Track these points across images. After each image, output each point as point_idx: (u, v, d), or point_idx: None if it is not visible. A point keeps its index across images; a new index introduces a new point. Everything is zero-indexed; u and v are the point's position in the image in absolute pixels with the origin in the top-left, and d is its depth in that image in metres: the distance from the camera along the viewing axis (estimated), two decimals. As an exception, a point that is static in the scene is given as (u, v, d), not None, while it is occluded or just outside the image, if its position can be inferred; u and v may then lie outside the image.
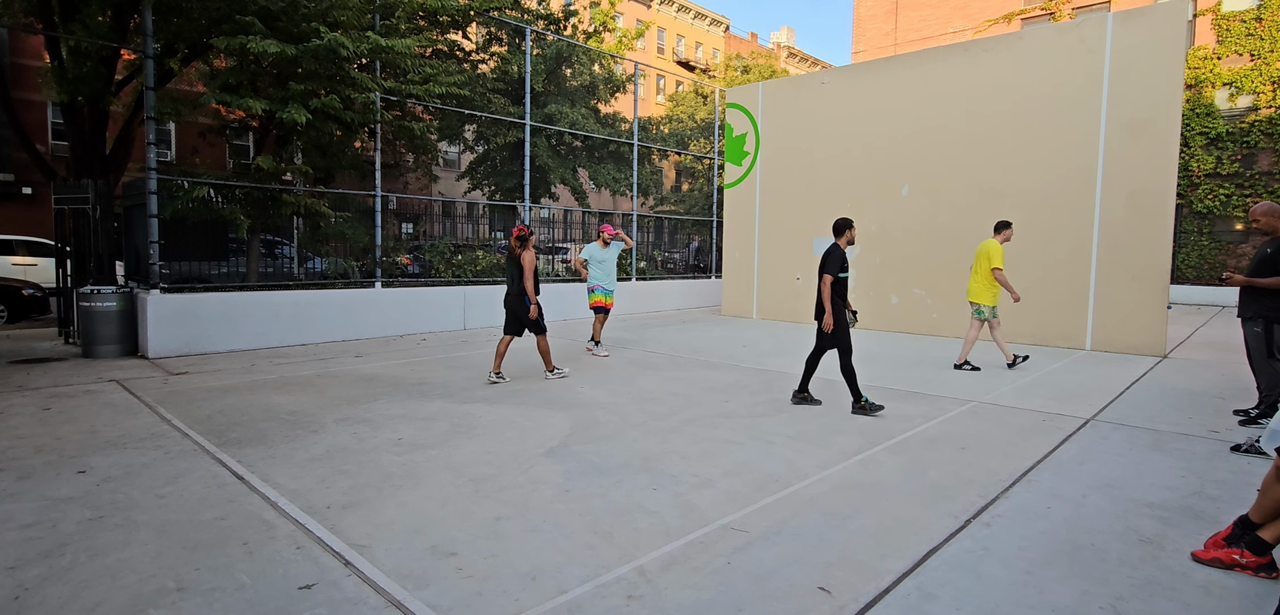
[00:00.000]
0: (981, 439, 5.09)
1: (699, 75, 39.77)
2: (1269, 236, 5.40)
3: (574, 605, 2.69)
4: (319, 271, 11.91)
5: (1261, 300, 5.39)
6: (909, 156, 11.78)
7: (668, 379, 7.38)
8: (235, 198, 10.75)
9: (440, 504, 3.72)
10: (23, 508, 3.61)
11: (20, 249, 14.82)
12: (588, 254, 9.25)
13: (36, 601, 2.68)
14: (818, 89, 13.32)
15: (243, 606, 2.67)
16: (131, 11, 10.48)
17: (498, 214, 17.69)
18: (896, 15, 29.37)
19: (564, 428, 5.30)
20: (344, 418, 5.57)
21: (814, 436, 5.13)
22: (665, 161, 28.27)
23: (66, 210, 9.55)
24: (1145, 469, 4.47)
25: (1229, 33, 21.72)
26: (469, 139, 18.77)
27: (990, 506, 3.76)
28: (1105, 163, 9.81)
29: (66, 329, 9.71)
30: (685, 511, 3.63)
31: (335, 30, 9.31)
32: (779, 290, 13.82)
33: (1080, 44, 10.07)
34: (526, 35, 14.03)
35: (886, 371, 7.94)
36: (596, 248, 9.21)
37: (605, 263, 9.19)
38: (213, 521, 3.46)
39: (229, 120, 12.60)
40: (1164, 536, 3.39)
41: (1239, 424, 5.63)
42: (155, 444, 4.79)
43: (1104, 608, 2.72)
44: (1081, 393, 6.83)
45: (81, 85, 10.91)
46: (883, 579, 2.92)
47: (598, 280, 9.16)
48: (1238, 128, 21.51)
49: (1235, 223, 21.54)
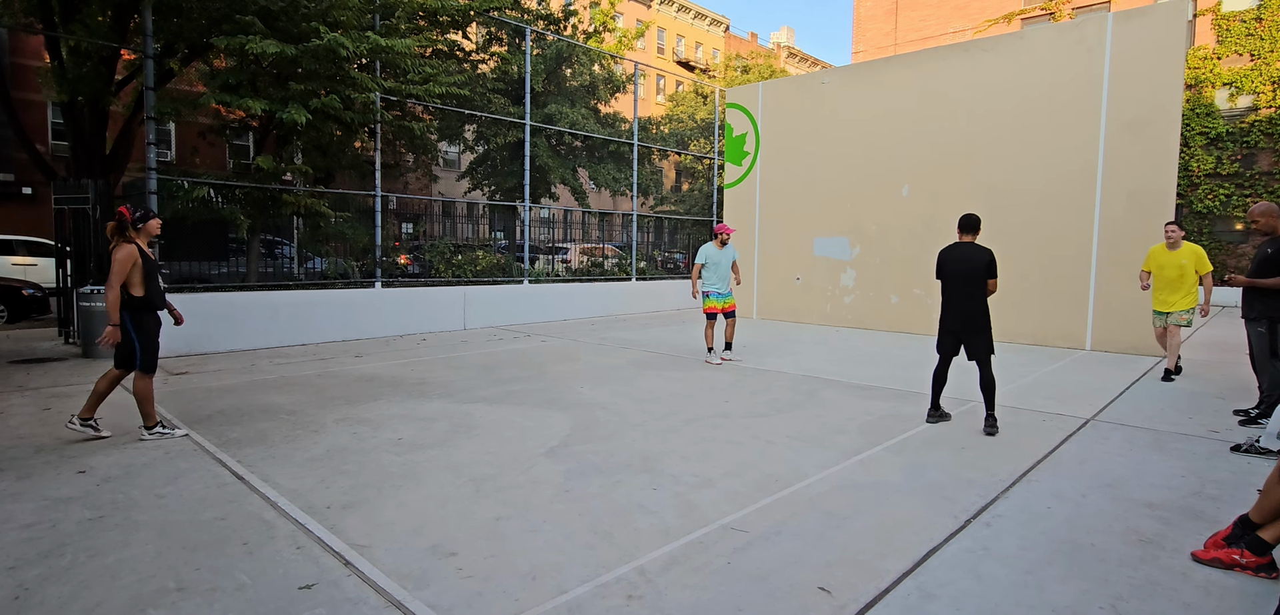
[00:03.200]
0: (981, 439, 5.09)
1: (699, 75, 39.77)
2: (1268, 237, 5.40)
3: (574, 605, 2.69)
4: (319, 271, 11.92)
5: (1264, 300, 5.39)
6: (909, 156, 11.78)
7: (668, 379, 7.38)
8: (235, 198, 10.75)
9: (440, 504, 3.72)
10: (23, 508, 3.61)
11: (20, 249, 14.82)
12: (704, 256, 8.50)
13: (36, 601, 2.68)
14: (818, 89, 13.32)
15: (243, 606, 2.67)
16: (131, 11, 10.48)
17: (498, 214, 17.70)
18: (896, 15, 29.37)
19: (564, 428, 5.30)
20: (344, 418, 5.57)
21: (814, 436, 5.13)
22: (665, 161, 28.28)
23: (66, 210, 9.55)
24: (1145, 469, 4.46)
25: (1229, 33, 21.73)
26: (469, 139, 18.77)
27: (990, 506, 3.76)
28: (1105, 163, 9.81)
29: (66, 329, 9.71)
30: (685, 511, 3.63)
31: (335, 30, 9.31)
32: (779, 290, 13.82)
33: (1080, 44, 10.07)
34: (526, 35, 14.04)
35: (886, 371, 7.94)
36: (713, 248, 8.50)
37: (721, 266, 8.48)
38: (213, 521, 3.46)
39: (229, 120, 12.61)
40: (1164, 536, 3.39)
41: (1239, 424, 5.63)
42: (155, 444, 4.78)
43: (1104, 608, 2.72)
44: (1081, 393, 6.83)
45: (81, 85, 10.91)
46: (883, 579, 2.92)
47: (712, 284, 8.45)
48: (1238, 128, 21.52)
49: (1235, 223, 21.53)
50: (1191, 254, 7.40)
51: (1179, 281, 7.39)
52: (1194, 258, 7.38)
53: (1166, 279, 7.52)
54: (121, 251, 4.70)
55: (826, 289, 13.03)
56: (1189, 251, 7.42)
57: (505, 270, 13.84)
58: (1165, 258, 7.54)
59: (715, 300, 8.46)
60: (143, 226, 4.88)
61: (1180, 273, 7.38)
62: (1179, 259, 7.42)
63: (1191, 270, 7.37)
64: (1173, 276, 7.45)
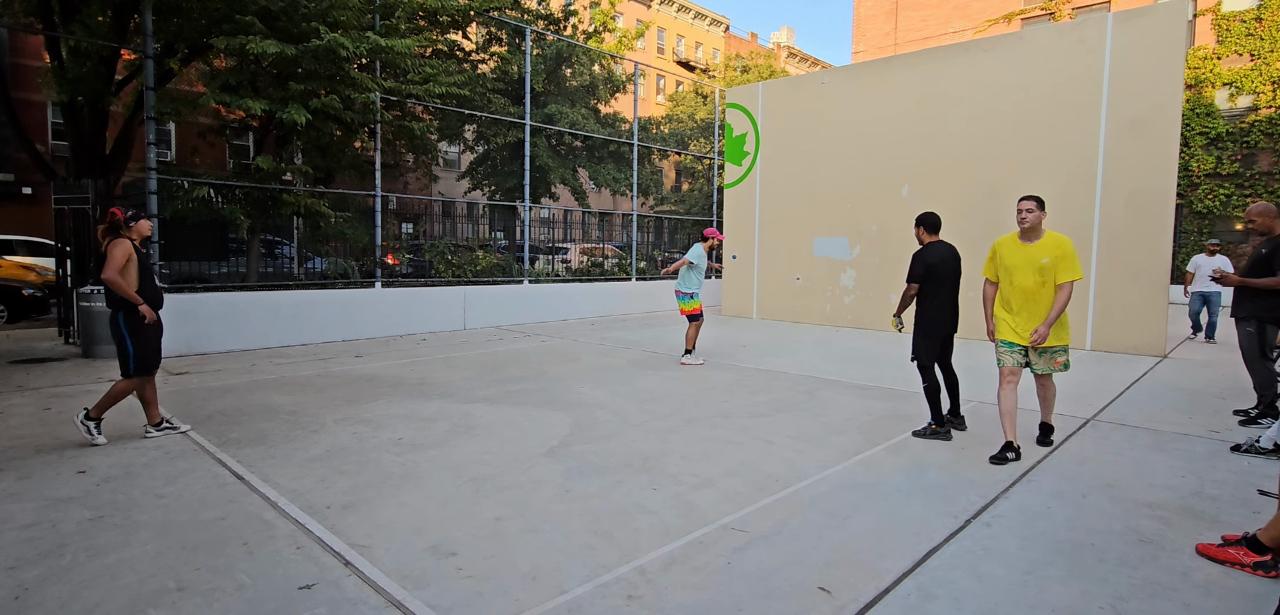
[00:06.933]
0: (982, 439, 5.08)
1: (699, 75, 39.77)
2: (1265, 236, 5.41)
3: (574, 605, 2.69)
4: (319, 271, 11.92)
5: (1255, 300, 5.41)
6: (909, 157, 11.78)
7: (668, 379, 7.38)
8: (235, 198, 10.75)
9: (440, 504, 3.72)
10: (23, 508, 3.61)
11: (20, 249, 14.82)
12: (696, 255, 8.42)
13: (36, 601, 2.68)
14: (818, 89, 13.31)
15: (243, 606, 2.67)
16: (131, 11, 10.48)
17: (498, 214, 17.70)
18: (896, 15, 29.37)
19: (564, 428, 5.30)
20: (344, 418, 5.57)
21: (814, 436, 5.13)
22: (665, 161, 28.28)
23: (66, 210, 9.55)
24: (1145, 469, 4.46)
25: (1229, 33, 21.73)
26: (469, 139, 18.77)
27: (990, 506, 3.76)
28: (1105, 163, 9.81)
29: (66, 329, 9.71)
30: (685, 511, 3.63)
31: (335, 30, 9.31)
32: (779, 290, 13.82)
33: (1080, 44, 10.07)
34: (526, 35, 14.04)
35: (886, 371, 7.94)
36: (701, 250, 8.44)
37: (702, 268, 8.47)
38: (213, 521, 3.46)
39: (229, 120, 12.61)
40: (1164, 536, 3.39)
41: (1239, 424, 5.63)
42: (155, 444, 4.78)
43: (1104, 608, 2.72)
44: (1081, 393, 6.82)
45: (81, 85, 10.91)
46: (883, 579, 2.92)
47: (691, 285, 8.41)
48: (1238, 128, 21.52)
49: (1235, 223, 21.53)
50: (1055, 250, 4.44)
51: (1041, 293, 4.47)
52: (1059, 257, 4.42)
53: (1022, 291, 4.53)
54: (119, 245, 4.73)
55: (826, 289, 13.02)
56: (1052, 246, 4.45)
57: (505, 270, 13.84)
58: (1018, 256, 4.56)
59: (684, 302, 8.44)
60: (134, 226, 4.89)
61: (1042, 280, 4.46)
62: (1038, 257, 4.46)
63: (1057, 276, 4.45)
64: (1031, 286, 4.48)
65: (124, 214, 4.84)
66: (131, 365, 4.82)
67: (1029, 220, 4.50)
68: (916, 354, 5.09)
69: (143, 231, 4.96)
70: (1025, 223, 4.52)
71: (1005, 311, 4.68)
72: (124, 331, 4.78)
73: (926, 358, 5.07)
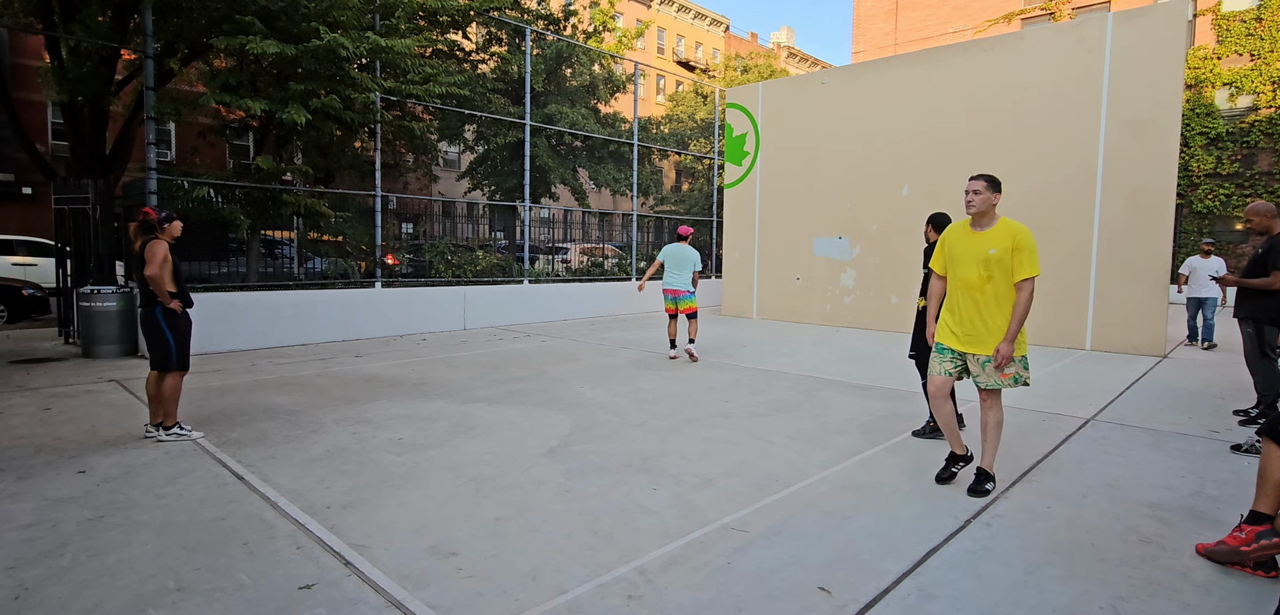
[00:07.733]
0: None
1: (699, 75, 39.77)
2: (1263, 236, 5.42)
3: (574, 605, 2.69)
4: (319, 271, 11.92)
5: (1253, 301, 5.42)
6: (909, 157, 11.78)
7: (668, 379, 7.38)
8: (235, 198, 10.75)
9: (440, 504, 3.72)
10: (23, 508, 3.61)
11: (20, 249, 14.82)
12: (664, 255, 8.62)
13: (36, 601, 2.68)
14: (818, 89, 13.32)
15: (243, 606, 2.67)
16: (131, 11, 10.48)
17: (498, 214, 17.70)
18: (896, 15, 29.38)
19: (564, 428, 5.30)
20: (344, 418, 5.57)
21: (814, 436, 5.13)
22: (665, 161, 28.27)
23: (66, 210, 9.55)
24: (1145, 469, 4.46)
25: (1229, 33, 21.73)
26: (469, 139, 18.76)
27: (990, 506, 3.76)
28: (1105, 163, 9.81)
29: (66, 329, 9.71)
30: (685, 511, 3.63)
31: (335, 30, 9.31)
32: (779, 290, 13.82)
33: (1080, 44, 10.07)
34: (526, 35, 14.04)
35: (886, 371, 7.94)
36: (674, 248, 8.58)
37: (681, 265, 8.56)
38: (213, 521, 3.46)
39: (229, 120, 12.61)
40: (1164, 536, 3.39)
41: (1239, 424, 5.64)
42: (155, 444, 4.79)
43: (1104, 608, 2.72)
44: (1081, 393, 6.82)
45: (81, 85, 10.91)
46: (883, 579, 2.92)
47: (672, 282, 8.56)
48: (1238, 128, 21.53)
49: (1235, 223, 21.54)
50: (1008, 240, 3.73)
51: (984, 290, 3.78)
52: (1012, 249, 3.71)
53: (964, 285, 3.84)
54: (158, 244, 4.81)
55: (826, 289, 13.03)
56: (1004, 235, 3.75)
57: (505, 270, 13.84)
58: (964, 245, 3.89)
59: (670, 300, 8.70)
60: (167, 227, 4.99)
61: (986, 274, 3.76)
62: (985, 247, 3.77)
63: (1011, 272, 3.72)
64: (973, 279, 3.79)
65: (159, 215, 4.96)
66: (173, 359, 4.89)
67: (976, 203, 3.78)
68: (916, 351, 5.08)
69: (174, 233, 5.07)
70: (972, 206, 3.80)
71: (946, 310, 3.97)
72: (164, 326, 4.87)
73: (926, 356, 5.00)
